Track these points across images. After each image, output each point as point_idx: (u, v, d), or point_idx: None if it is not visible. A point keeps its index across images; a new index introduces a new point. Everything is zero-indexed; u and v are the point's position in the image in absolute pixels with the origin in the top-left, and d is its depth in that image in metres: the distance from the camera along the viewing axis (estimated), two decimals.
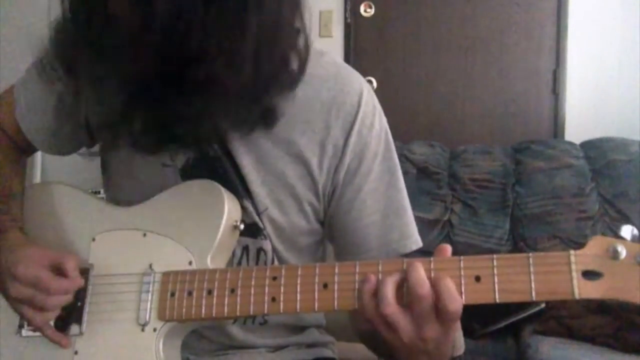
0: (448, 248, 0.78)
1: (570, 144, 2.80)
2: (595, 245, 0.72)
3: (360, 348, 1.48)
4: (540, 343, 2.11)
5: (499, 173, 2.69)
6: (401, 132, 2.74)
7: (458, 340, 2.12)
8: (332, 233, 1.02)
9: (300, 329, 1.10)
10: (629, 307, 2.04)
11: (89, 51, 0.78)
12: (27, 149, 1.10)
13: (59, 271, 0.89)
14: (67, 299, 0.90)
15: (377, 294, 0.75)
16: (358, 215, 0.97)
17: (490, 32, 3.17)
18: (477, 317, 2.21)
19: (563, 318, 2.17)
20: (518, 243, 2.59)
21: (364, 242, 0.98)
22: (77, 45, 0.79)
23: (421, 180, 2.67)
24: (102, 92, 0.84)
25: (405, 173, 1.02)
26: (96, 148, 1.10)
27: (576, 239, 2.50)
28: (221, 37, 0.75)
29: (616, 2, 3.03)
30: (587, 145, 2.76)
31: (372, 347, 1.01)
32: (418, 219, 1.02)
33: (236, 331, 1.02)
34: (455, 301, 0.73)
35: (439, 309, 0.73)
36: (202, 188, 0.93)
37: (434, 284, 0.73)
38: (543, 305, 2.20)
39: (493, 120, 3.18)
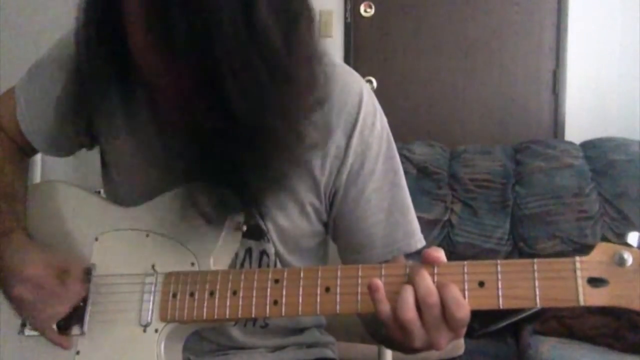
0: (432, 253, 0.77)
1: (570, 144, 2.80)
2: (601, 251, 0.71)
3: (360, 348, 1.48)
4: (540, 343, 2.11)
5: (499, 173, 2.69)
6: (401, 132, 2.72)
7: (458, 340, 2.12)
8: (336, 233, 1.01)
9: (300, 330, 1.10)
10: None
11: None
12: (28, 150, 1.09)
13: (64, 275, 0.90)
14: (65, 309, 0.90)
15: (390, 298, 0.75)
16: (363, 214, 0.97)
17: (490, 32, 3.16)
18: (477, 317, 2.20)
19: (563, 318, 2.17)
20: (518, 243, 2.59)
21: (369, 241, 0.97)
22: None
23: (421, 180, 2.67)
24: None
25: (405, 173, 1.01)
26: None
27: (576, 239, 2.50)
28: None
29: (616, 2, 3.03)
30: (587, 145, 2.76)
31: (380, 341, 1.02)
32: (418, 219, 1.01)
33: (236, 333, 1.03)
34: (463, 307, 0.72)
35: (446, 317, 0.73)
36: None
37: (439, 292, 0.73)
38: None
39: (493, 120, 3.17)
